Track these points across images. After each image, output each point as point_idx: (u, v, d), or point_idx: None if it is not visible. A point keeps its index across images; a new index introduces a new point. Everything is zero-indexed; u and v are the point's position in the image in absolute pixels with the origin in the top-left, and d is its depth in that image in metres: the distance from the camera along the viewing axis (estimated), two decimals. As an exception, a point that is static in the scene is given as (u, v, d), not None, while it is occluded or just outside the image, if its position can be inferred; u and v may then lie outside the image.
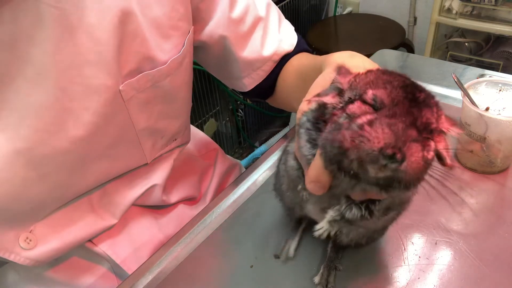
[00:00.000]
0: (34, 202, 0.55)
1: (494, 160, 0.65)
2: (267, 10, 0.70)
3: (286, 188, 0.52)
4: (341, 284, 0.54)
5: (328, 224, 0.43)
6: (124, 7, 0.52)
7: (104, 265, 0.67)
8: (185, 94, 0.67)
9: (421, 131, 0.35)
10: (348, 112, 0.36)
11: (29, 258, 0.57)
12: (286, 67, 0.71)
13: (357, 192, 0.40)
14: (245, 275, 0.57)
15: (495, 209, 0.62)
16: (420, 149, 0.34)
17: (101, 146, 0.57)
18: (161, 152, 0.68)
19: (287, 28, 0.72)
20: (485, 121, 0.62)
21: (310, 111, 0.42)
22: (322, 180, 0.39)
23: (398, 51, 1.02)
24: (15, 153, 0.50)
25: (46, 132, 0.51)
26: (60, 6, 0.48)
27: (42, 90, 0.50)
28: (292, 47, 0.71)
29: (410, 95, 0.36)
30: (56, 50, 0.49)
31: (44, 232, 0.58)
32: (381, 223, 0.51)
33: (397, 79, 0.37)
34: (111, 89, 0.54)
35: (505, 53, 1.73)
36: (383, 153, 0.33)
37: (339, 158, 0.36)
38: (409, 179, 0.35)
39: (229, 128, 1.99)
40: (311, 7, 2.26)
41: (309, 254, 0.58)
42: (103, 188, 0.64)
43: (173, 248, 0.61)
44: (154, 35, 0.56)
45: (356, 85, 0.38)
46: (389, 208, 0.44)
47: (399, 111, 0.35)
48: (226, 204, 0.67)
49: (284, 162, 0.51)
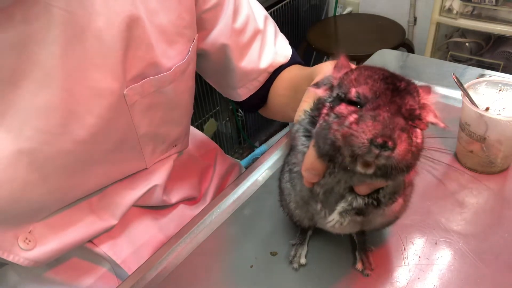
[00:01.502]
0: (34, 204, 0.56)
1: (494, 160, 0.65)
2: (265, 23, 0.71)
3: (295, 206, 0.54)
4: (341, 284, 0.54)
5: (339, 215, 0.44)
6: (132, 13, 0.53)
7: (105, 265, 0.67)
8: (187, 100, 0.68)
9: (407, 118, 0.37)
10: (336, 112, 0.38)
11: (28, 258, 0.57)
12: (279, 78, 0.73)
13: (360, 186, 0.42)
14: (245, 275, 0.57)
15: (495, 209, 0.62)
16: (409, 136, 0.36)
17: (103, 149, 0.58)
18: (160, 157, 0.68)
19: (282, 42, 0.74)
20: (485, 121, 0.62)
21: (306, 111, 0.45)
22: (316, 167, 0.41)
23: (398, 51, 1.02)
24: (18, 153, 0.50)
25: (50, 133, 0.51)
26: (71, 9, 0.49)
27: (48, 91, 0.50)
28: (286, 60, 0.73)
29: (391, 85, 0.38)
30: (64, 53, 0.49)
31: (43, 232, 0.58)
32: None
33: (377, 73, 0.39)
34: (115, 93, 0.54)
35: (505, 53, 1.73)
36: (374, 143, 0.35)
37: (333, 153, 0.38)
38: (403, 163, 0.36)
39: (229, 128, 1.99)
40: (311, 7, 2.26)
41: (310, 256, 0.58)
42: (103, 190, 0.64)
43: (173, 248, 0.61)
44: (159, 42, 0.57)
45: (342, 83, 0.40)
46: (395, 192, 0.45)
47: (382, 102, 0.37)
48: (226, 204, 0.67)
49: (289, 180, 0.53)
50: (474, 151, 0.65)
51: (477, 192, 0.64)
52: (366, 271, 0.55)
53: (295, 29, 2.16)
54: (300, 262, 0.56)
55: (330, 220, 0.45)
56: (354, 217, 0.44)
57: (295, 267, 0.56)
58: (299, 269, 0.56)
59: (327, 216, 0.46)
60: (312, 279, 0.55)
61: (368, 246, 0.57)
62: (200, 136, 0.88)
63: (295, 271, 0.56)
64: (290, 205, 0.55)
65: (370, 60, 0.96)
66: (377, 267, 0.55)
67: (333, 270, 0.56)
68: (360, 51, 1.87)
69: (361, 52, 1.85)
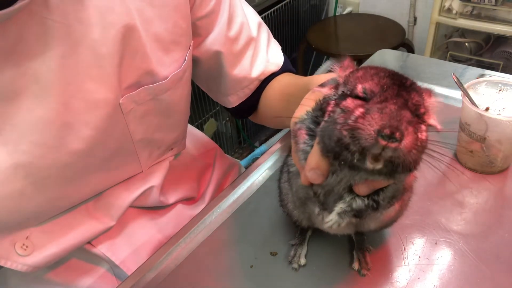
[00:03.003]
0: (31, 214, 0.56)
1: (494, 160, 0.65)
2: (258, 30, 0.71)
3: (293, 206, 0.54)
4: (341, 284, 0.54)
5: (337, 216, 0.44)
6: (127, 23, 0.52)
7: (103, 266, 0.67)
8: (184, 107, 0.68)
9: (413, 113, 0.37)
10: (342, 107, 0.38)
11: (26, 264, 0.57)
12: (270, 86, 0.73)
13: (361, 185, 0.41)
14: (245, 275, 0.57)
15: (495, 209, 0.62)
16: (415, 130, 0.36)
17: (99, 158, 0.58)
18: (156, 161, 0.68)
19: (274, 49, 0.74)
20: (485, 121, 0.62)
21: (308, 112, 0.44)
22: (321, 166, 0.41)
23: (398, 51, 1.02)
24: (14, 167, 0.50)
25: (46, 146, 0.51)
26: (66, 22, 0.49)
27: (44, 105, 0.50)
28: (278, 68, 0.73)
29: (398, 81, 0.38)
30: (59, 66, 0.49)
31: (40, 238, 0.58)
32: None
33: (383, 71, 0.39)
34: (111, 103, 0.54)
35: (505, 53, 1.73)
36: (381, 134, 0.34)
37: (339, 150, 0.37)
38: (408, 158, 0.36)
39: (229, 128, 1.99)
40: (311, 7, 2.26)
41: (309, 256, 0.58)
42: (100, 193, 0.64)
43: (173, 248, 0.61)
44: (155, 50, 0.57)
45: (348, 81, 0.40)
46: (394, 196, 0.45)
47: (389, 95, 0.37)
48: (226, 204, 0.67)
49: (287, 180, 0.53)
50: (474, 151, 0.65)
51: (477, 192, 0.64)
52: (363, 271, 0.54)
53: (295, 29, 2.16)
54: (299, 262, 0.56)
55: (328, 221, 0.44)
56: (350, 219, 0.44)
57: (295, 267, 0.56)
58: (299, 269, 0.56)
59: (324, 217, 0.46)
60: (312, 279, 0.55)
61: (366, 246, 0.57)
62: (199, 136, 0.87)
63: (295, 271, 0.56)
64: (288, 205, 0.55)
65: (370, 60, 0.96)
66: (377, 267, 0.55)
67: (333, 270, 0.56)
68: (360, 51, 1.87)
69: (361, 52, 1.85)
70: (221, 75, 0.70)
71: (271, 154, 0.75)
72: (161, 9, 0.56)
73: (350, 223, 0.46)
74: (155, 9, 0.56)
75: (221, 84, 0.72)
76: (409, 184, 0.48)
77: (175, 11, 0.58)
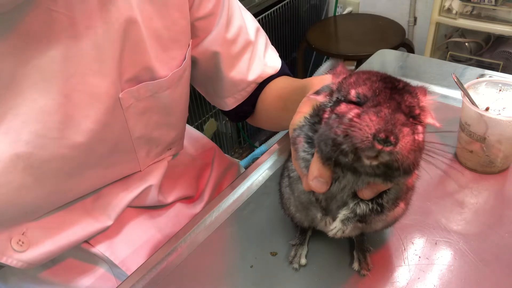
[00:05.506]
0: (29, 207, 0.56)
1: (494, 160, 0.65)
2: (256, 35, 0.72)
3: (295, 210, 0.54)
4: (341, 284, 0.54)
5: (341, 223, 0.44)
6: (129, 17, 0.53)
7: (103, 266, 0.67)
8: (183, 107, 0.68)
9: (407, 115, 0.37)
10: (336, 112, 0.38)
11: (21, 260, 0.57)
12: (267, 89, 0.74)
13: (364, 190, 0.41)
14: (245, 275, 0.57)
15: (495, 209, 0.62)
16: (410, 132, 0.36)
17: (98, 153, 0.58)
18: (154, 160, 0.69)
19: (272, 54, 0.75)
20: (485, 121, 0.62)
21: (306, 118, 0.45)
22: (324, 175, 0.41)
23: (398, 51, 1.02)
24: (15, 157, 0.50)
25: (47, 138, 0.52)
26: (71, 14, 0.49)
27: (46, 96, 0.50)
28: (275, 71, 0.74)
29: (390, 84, 0.38)
30: (62, 58, 0.50)
31: (37, 234, 0.58)
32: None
33: (375, 75, 0.40)
34: (111, 97, 0.55)
35: (505, 53, 1.73)
36: (377, 138, 0.35)
37: (335, 154, 0.38)
38: (406, 161, 0.36)
39: (229, 128, 1.99)
40: (311, 7, 2.26)
41: (309, 256, 0.58)
42: (98, 192, 0.64)
43: (173, 248, 0.61)
44: (154, 47, 0.57)
45: (342, 87, 0.41)
46: (398, 198, 0.45)
47: (382, 99, 0.37)
48: (225, 204, 0.67)
49: (288, 185, 0.53)
50: (474, 151, 0.65)
51: (477, 192, 0.64)
52: (363, 271, 0.54)
53: (295, 29, 2.16)
54: (300, 263, 0.56)
55: (332, 228, 0.45)
56: (355, 224, 0.44)
57: (295, 267, 0.56)
58: (299, 269, 0.56)
59: (328, 224, 0.46)
60: (312, 279, 0.55)
61: (366, 246, 0.57)
62: (198, 136, 0.88)
63: (295, 271, 0.56)
64: (290, 209, 0.55)
65: (370, 60, 0.96)
66: (377, 267, 0.55)
67: (333, 270, 0.56)
68: (360, 51, 1.87)
69: (361, 52, 1.85)
70: (218, 77, 0.70)
71: (271, 154, 0.75)
72: (160, 7, 0.57)
73: (356, 227, 0.46)
74: (154, 6, 0.56)
75: (218, 86, 0.72)
76: (411, 183, 0.48)
77: (174, 9, 0.58)
